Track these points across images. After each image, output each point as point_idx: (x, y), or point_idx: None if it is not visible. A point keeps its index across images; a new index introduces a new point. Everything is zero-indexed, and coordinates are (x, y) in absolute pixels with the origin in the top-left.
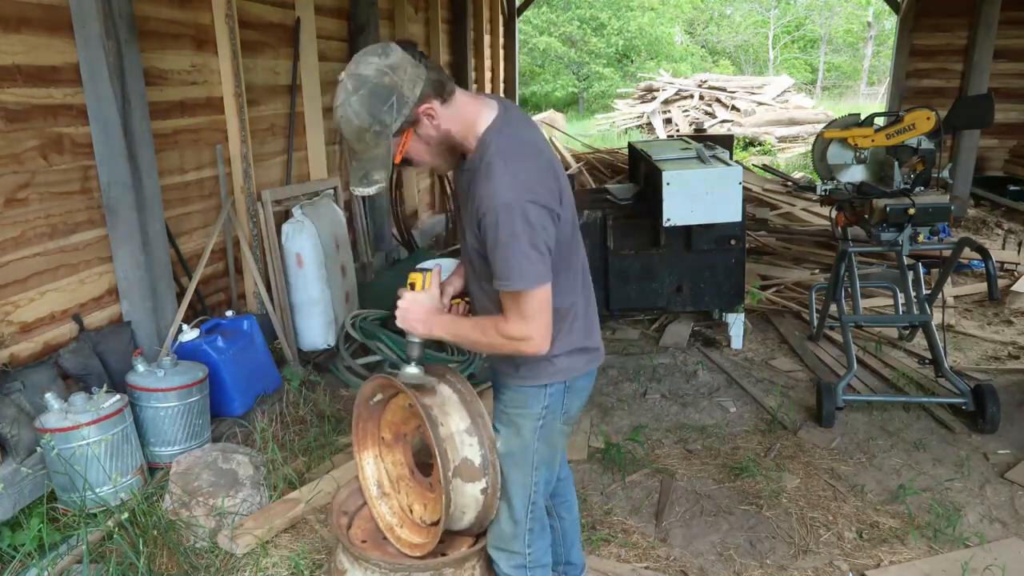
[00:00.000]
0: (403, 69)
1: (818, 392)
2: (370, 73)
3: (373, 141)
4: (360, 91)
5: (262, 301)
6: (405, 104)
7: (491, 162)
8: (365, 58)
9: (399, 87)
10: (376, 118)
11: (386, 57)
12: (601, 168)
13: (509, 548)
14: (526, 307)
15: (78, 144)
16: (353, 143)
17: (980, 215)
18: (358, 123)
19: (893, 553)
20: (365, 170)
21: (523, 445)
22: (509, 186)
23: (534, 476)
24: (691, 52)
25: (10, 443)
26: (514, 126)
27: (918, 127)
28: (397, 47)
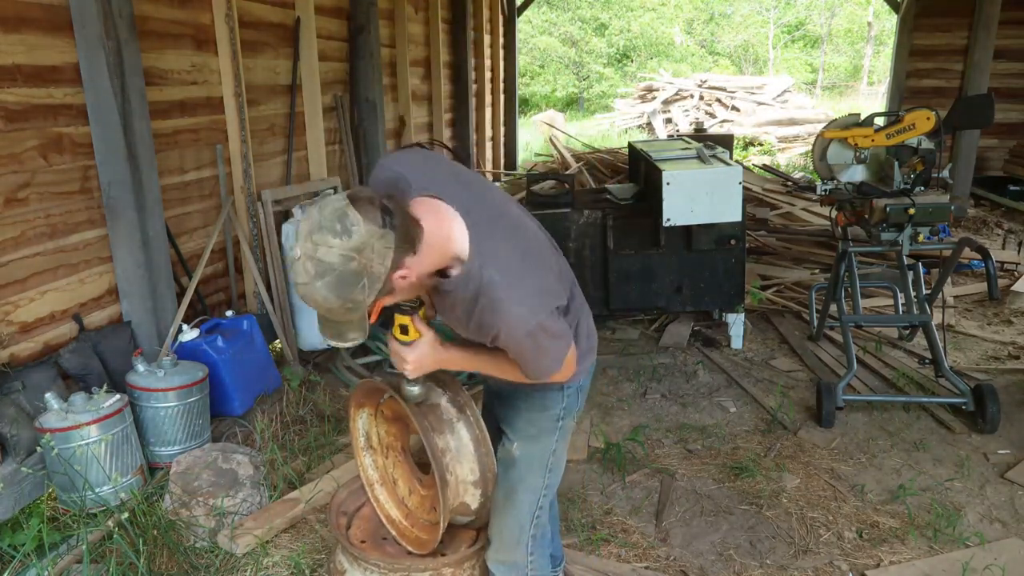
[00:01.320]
0: (369, 247)
1: (818, 392)
2: (333, 260)
3: (345, 315)
4: (326, 277)
5: (262, 301)
6: (377, 280)
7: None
8: (323, 238)
9: (368, 268)
10: (347, 299)
11: (348, 237)
12: (601, 168)
13: (510, 558)
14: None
15: (78, 144)
16: (322, 315)
17: (980, 215)
18: (327, 305)
19: (893, 553)
20: (339, 331)
21: (542, 448)
22: (523, 318)
23: (546, 479)
24: (691, 52)
25: (10, 443)
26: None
27: (918, 127)
28: (356, 216)
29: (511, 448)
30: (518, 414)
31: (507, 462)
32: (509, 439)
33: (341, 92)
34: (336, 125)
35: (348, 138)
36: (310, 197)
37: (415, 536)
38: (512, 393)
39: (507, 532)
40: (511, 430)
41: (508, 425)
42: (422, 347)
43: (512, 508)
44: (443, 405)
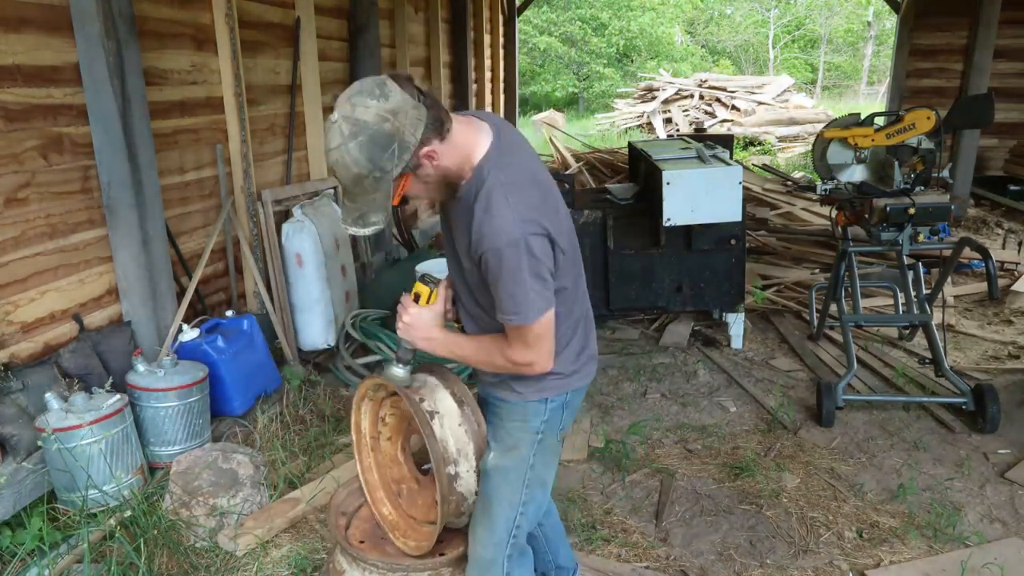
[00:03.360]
0: (404, 113)
1: (818, 392)
2: (369, 119)
3: (372, 187)
4: (359, 137)
5: (262, 301)
6: (407, 150)
7: (490, 196)
8: (362, 100)
9: (400, 133)
10: (376, 165)
11: (385, 100)
12: (601, 168)
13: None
14: (530, 336)
15: (78, 144)
16: (349, 187)
17: (980, 215)
18: (356, 170)
19: (893, 553)
20: (361, 212)
21: (519, 460)
22: (511, 222)
23: (523, 495)
24: (691, 52)
25: (10, 443)
26: (511, 154)
27: (918, 127)
28: (395, 86)
29: (487, 459)
30: (500, 424)
31: (484, 474)
32: (488, 448)
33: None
34: None
35: None
36: (310, 197)
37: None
38: (496, 404)
39: (481, 548)
40: (492, 440)
41: (491, 435)
42: (424, 313)
43: (488, 522)
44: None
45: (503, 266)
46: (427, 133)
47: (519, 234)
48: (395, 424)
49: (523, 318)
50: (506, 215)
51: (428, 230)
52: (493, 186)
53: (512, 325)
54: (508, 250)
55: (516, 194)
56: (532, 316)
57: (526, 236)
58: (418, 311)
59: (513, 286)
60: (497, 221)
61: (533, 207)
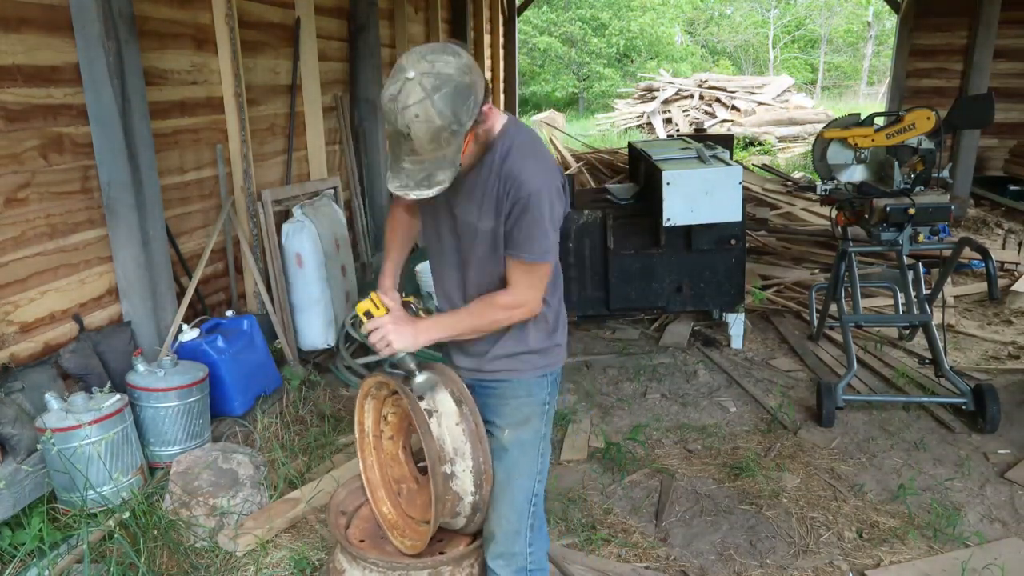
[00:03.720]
0: (476, 69)
1: (818, 392)
2: (452, 71)
3: (447, 140)
4: (443, 89)
5: (262, 301)
6: (478, 104)
7: (524, 149)
8: (439, 56)
9: (476, 86)
10: (457, 117)
11: (459, 57)
12: (601, 168)
13: (510, 550)
14: (537, 276)
15: (78, 144)
16: (423, 143)
17: (980, 215)
18: (440, 122)
19: (893, 553)
20: (428, 172)
21: (533, 432)
22: (545, 170)
23: (539, 463)
24: (691, 52)
25: (10, 443)
26: (525, 129)
27: (918, 127)
28: (461, 48)
29: (501, 436)
30: (505, 403)
31: (499, 451)
32: (498, 427)
33: (341, 92)
34: (336, 125)
35: (348, 138)
36: (310, 197)
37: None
38: (495, 385)
39: (505, 522)
40: (499, 418)
41: (496, 415)
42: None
43: (509, 496)
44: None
45: (541, 207)
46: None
47: (551, 181)
48: (397, 423)
49: (541, 256)
50: (541, 163)
51: None
52: (521, 144)
53: (529, 264)
54: (545, 193)
55: (541, 150)
56: (549, 256)
57: (555, 184)
58: (389, 318)
59: (545, 226)
60: (535, 167)
61: (552, 168)
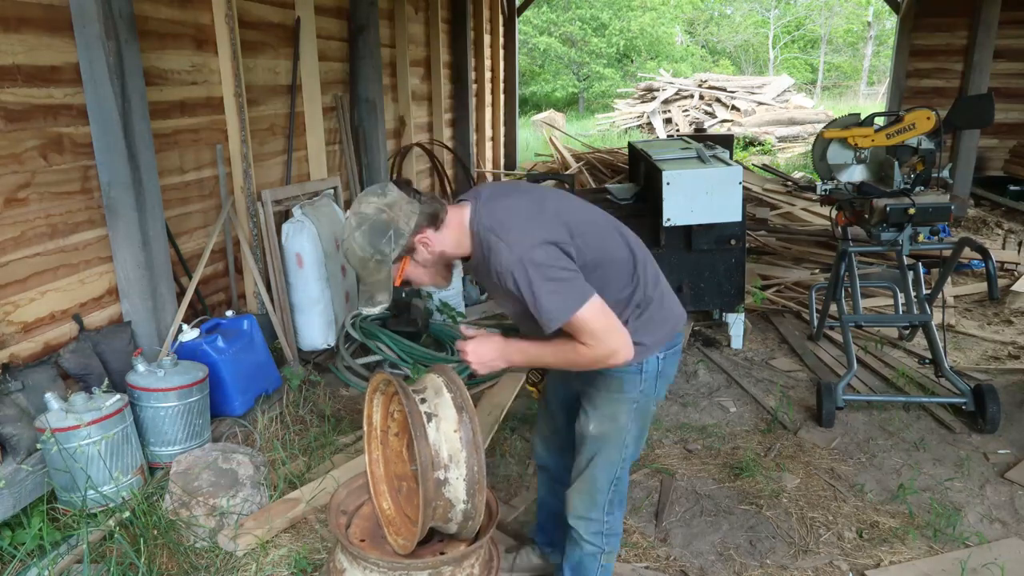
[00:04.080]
0: (398, 206)
1: (818, 392)
2: (370, 211)
3: (375, 268)
4: (362, 227)
5: (262, 301)
6: (401, 236)
7: (487, 242)
8: (366, 198)
9: (395, 222)
10: (376, 248)
11: (384, 196)
12: (601, 168)
13: (588, 515)
14: (587, 328)
15: (78, 144)
16: (359, 270)
17: (980, 215)
18: (361, 254)
19: (893, 553)
20: (370, 293)
21: (618, 428)
22: (507, 250)
23: (622, 454)
24: (691, 52)
25: (10, 443)
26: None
27: (918, 127)
28: (394, 187)
29: (588, 425)
30: (597, 392)
31: (584, 437)
32: (586, 413)
33: (341, 92)
34: (336, 125)
35: (348, 138)
36: (310, 197)
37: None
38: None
39: (582, 500)
40: (590, 406)
41: (587, 400)
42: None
43: (588, 480)
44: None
45: (521, 284)
46: (420, 222)
47: (519, 253)
48: (402, 420)
49: (556, 320)
50: (501, 248)
51: None
52: (483, 233)
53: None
54: (517, 268)
55: (501, 227)
56: (563, 316)
57: (528, 251)
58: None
59: (537, 295)
60: (501, 255)
61: (522, 227)
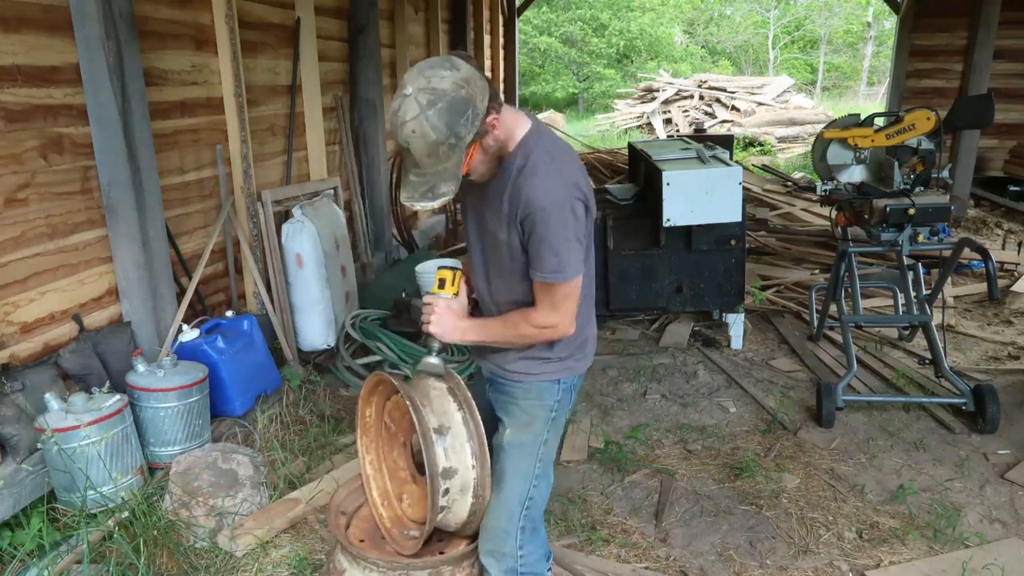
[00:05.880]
0: (474, 82)
1: (818, 392)
2: (446, 87)
3: (446, 154)
4: (438, 104)
5: (262, 301)
6: (478, 116)
7: (538, 162)
8: (436, 71)
9: (474, 99)
10: (453, 131)
11: (457, 71)
12: (601, 168)
13: (500, 549)
14: (561, 295)
15: (78, 144)
16: (423, 157)
17: (980, 215)
18: (435, 137)
19: (893, 553)
20: (431, 184)
21: (534, 435)
22: (559, 184)
23: (536, 468)
24: (691, 52)
25: (10, 443)
26: (550, 134)
27: (918, 127)
28: (461, 61)
29: (503, 434)
30: (515, 402)
31: (498, 449)
32: (503, 424)
33: (341, 92)
34: (336, 125)
35: (348, 138)
36: (310, 197)
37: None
38: (509, 384)
39: (495, 521)
40: (507, 416)
41: (504, 412)
42: (452, 304)
43: (501, 495)
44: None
45: (550, 225)
46: (490, 102)
47: (565, 196)
48: (400, 420)
49: (564, 275)
50: (555, 178)
51: (428, 230)
52: (540, 153)
53: (548, 283)
54: (555, 209)
55: (560, 161)
56: (571, 274)
57: (572, 199)
58: (447, 303)
59: (558, 244)
60: (547, 182)
61: (576, 174)
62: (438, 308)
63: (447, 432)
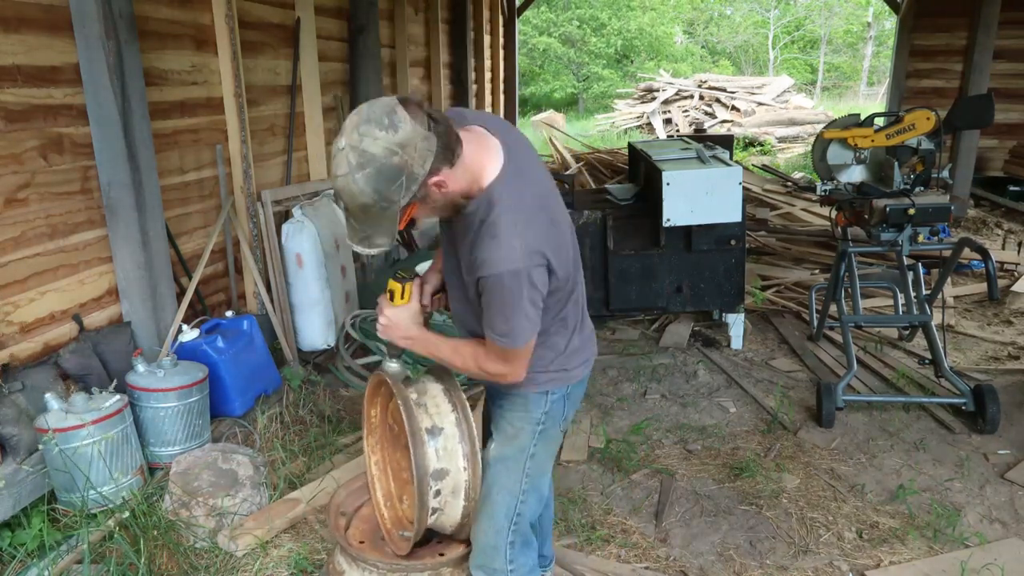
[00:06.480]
0: (412, 146)
1: (818, 392)
2: (377, 152)
3: (378, 215)
4: (366, 169)
5: (262, 301)
6: (415, 181)
7: (498, 221)
8: (370, 130)
9: (409, 166)
10: (382, 196)
11: (394, 132)
12: (601, 168)
13: (490, 565)
14: (513, 356)
15: (78, 144)
16: (355, 213)
17: (980, 215)
18: (362, 200)
19: (893, 553)
20: (367, 234)
21: (519, 449)
22: (517, 250)
23: (523, 483)
24: (691, 52)
25: (10, 443)
26: (522, 177)
27: (918, 127)
28: (404, 115)
29: (490, 447)
30: (502, 414)
31: (486, 462)
32: (491, 437)
33: (341, 92)
34: (336, 125)
35: None
36: (310, 197)
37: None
38: (500, 393)
39: (483, 536)
40: (495, 430)
41: (494, 424)
42: (400, 312)
43: (488, 509)
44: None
45: (503, 293)
46: (436, 163)
47: (523, 264)
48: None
49: (512, 342)
50: (513, 244)
51: (428, 230)
52: (503, 212)
53: (489, 338)
54: (510, 279)
55: (524, 222)
56: (520, 342)
57: (529, 268)
58: (394, 312)
59: (509, 311)
60: (504, 250)
61: (540, 236)
62: (385, 319)
63: (439, 433)
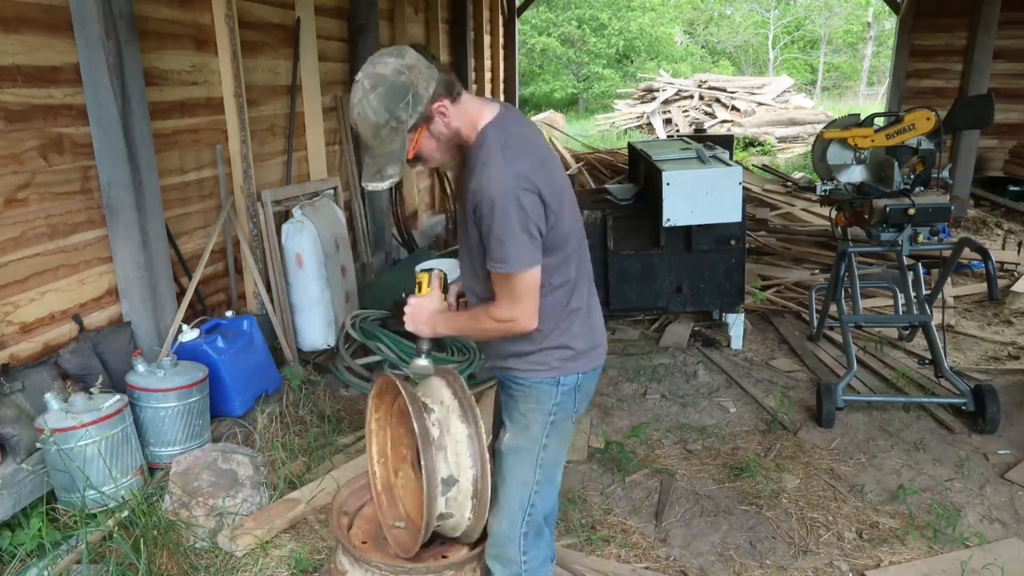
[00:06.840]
0: (418, 69)
1: (818, 392)
2: (387, 72)
3: (388, 137)
4: (378, 89)
5: (262, 301)
6: (420, 101)
7: (488, 152)
8: (381, 59)
9: (415, 85)
10: (392, 114)
11: (402, 58)
12: (601, 168)
13: (505, 555)
14: (516, 288)
15: (78, 144)
16: (369, 139)
17: (980, 215)
18: (375, 119)
19: (893, 553)
20: (379, 165)
21: (531, 440)
22: (505, 174)
23: (536, 474)
24: (691, 52)
25: (10, 443)
26: (512, 124)
27: (918, 127)
28: (411, 49)
29: (503, 438)
30: (515, 405)
31: (499, 454)
32: (504, 428)
33: (341, 92)
34: (336, 125)
35: (348, 138)
36: (310, 197)
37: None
38: (511, 386)
39: (497, 526)
40: (508, 419)
41: (507, 415)
42: (423, 300)
43: (502, 500)
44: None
45: (495, 215)
46: (438, 90)
47: (511, 185)
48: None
49: (509, 266)
50: (501, 168)
51: (428, 231)
52: (492, 144)
53: (499, 274)
54: (500, 199)
55: (512, 152)
56: (517, 265)
57: (518, 190)
58: (418, 300)
59: (503, 234)
60: (493, 172)
61: (526, 166)
62: (409, 307)
63: (447, 439)
